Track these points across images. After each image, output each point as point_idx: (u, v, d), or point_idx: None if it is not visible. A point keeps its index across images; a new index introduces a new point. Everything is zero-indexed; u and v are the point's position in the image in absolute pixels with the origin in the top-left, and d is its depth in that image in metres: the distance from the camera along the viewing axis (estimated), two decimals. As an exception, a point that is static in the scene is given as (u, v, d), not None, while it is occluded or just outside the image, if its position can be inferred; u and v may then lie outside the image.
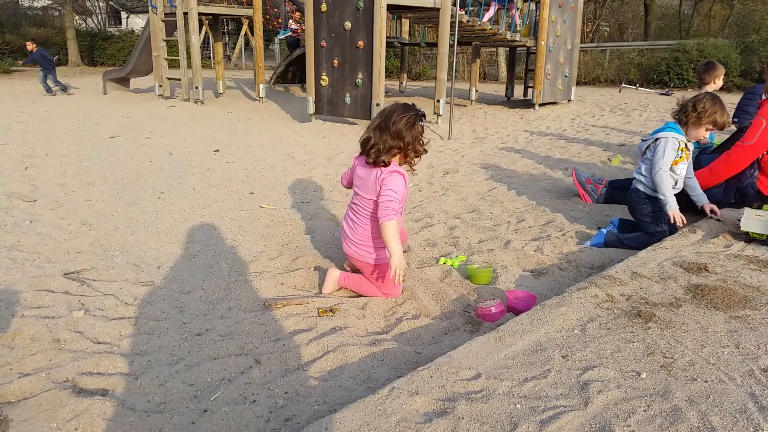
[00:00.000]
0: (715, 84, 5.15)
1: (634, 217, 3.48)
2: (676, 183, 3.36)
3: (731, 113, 4.08)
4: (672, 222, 3.21)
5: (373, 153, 2.58)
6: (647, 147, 3.40)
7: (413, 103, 2.66)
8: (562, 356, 1.86)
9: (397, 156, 2.62)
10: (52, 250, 3.25)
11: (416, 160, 2.69)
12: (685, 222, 3.20)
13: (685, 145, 3.30)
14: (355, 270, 2.86)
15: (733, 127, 4.74)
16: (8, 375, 1.99)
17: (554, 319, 2.12)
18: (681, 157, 3.29)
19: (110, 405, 1.82)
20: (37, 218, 3.82)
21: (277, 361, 2.10)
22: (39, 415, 1.77)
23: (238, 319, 2.43)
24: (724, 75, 5.39)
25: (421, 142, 2.63)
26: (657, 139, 3.32)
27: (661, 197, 3.24)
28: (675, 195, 3.41)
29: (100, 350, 2.17)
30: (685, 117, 3.28)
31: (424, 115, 2.65)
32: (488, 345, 1.95)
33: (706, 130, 3.27)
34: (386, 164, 2.59)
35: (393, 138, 2.54)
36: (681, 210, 3.91)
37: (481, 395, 1.64)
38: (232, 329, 2.35)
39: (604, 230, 3.39)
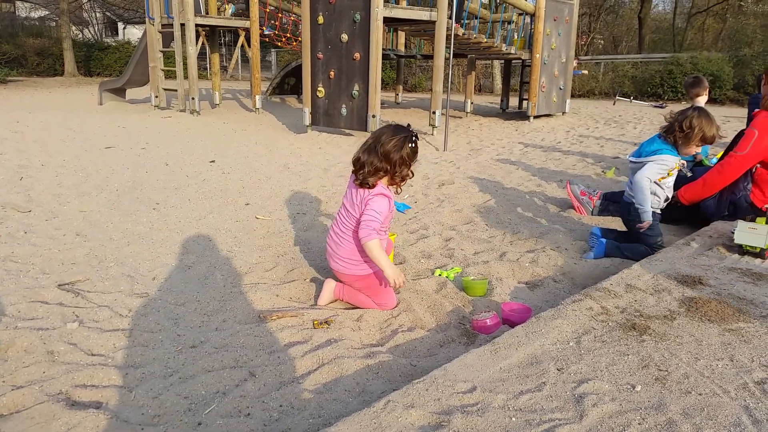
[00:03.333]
0: (706, 96, 5.22)
1: (629, 230, 3.48)
2: (666, 199, 3.37)
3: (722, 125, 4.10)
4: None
5: (360, 174, 2.60)
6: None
7: (408, 124, 2.67)
8: (557, 369, 1.86)
9: (384, 178, 2.62)
10: (47, 261, 3.24)
11: (402, 183, 2.68)
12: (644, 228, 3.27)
13: (679, 163, 3.31)
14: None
15: (727, 139, 4.77)
16: (1, 388, 1.97)
17: (549, 331, 2.12)
18: (668, 173, 3.30)
19: (104, 418, 1.81)
20: (32, 229, 3.81)
21: (271, 373, 2.09)
22: (32, 428, 1.76)
23: (233, 331, 2.43)
24: (718, 88, 5.46)
25: (408, 165, 2.61)
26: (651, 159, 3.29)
27: (638, 206, 3.26)
28: (665, 207, 3.43)
29: (94, 362, 2.16)
30: (673, 137, 3.27)
31: (416, 136, 2.63)
32: (484, 357, 1.95)
33: (696, 146, 3.25)
34: (372, 186, 2.59)
35: (380, 160, 2.55)
36: (672, 222, 3.94)
37: (477, 408, 1.64)
38: (227, 341, 2.34)
39: (604, 240, 3.40)
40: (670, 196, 3.41)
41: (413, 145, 2.60)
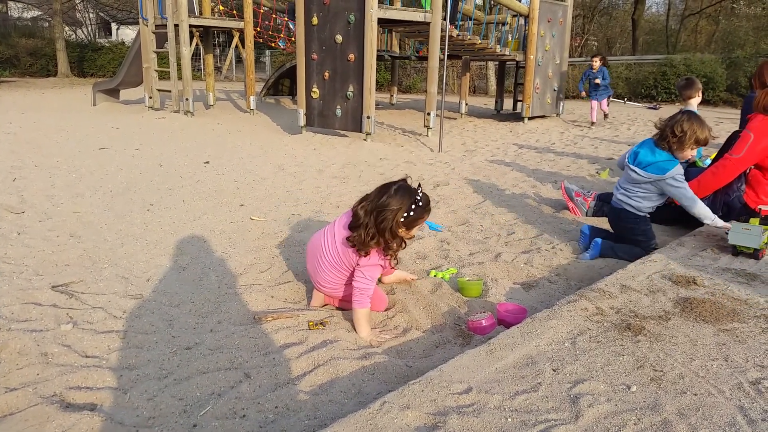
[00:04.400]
0: (698, 97, 5.25)
1: (622, 236, 3.47)
2: (665, 200, 3.39)
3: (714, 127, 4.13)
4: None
5: (355, 239, 2.43)
6: (646, 181, 3.33)
7: (419, 185, 2.50)
8: (553, 369, 1.86)
9: (378, 248, 2.46)
10: (40, 262, 3.22)
11: (395, 254, 2.52)
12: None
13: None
14: None
15: (720, 140, 4.80)
16: (-6, 390, 1.96)
17: (545, 332, 2.13)
18: None
19: (98, 420, 1.80)
20: (25, 230, 3.79)
21: (267, 375, 2.09)
22: (26, 431, 1.75)
23: (228, 333, 2.42)
24: (711, 89, 5.50)
25: (401, 239, 2.45)
26: (662, 178, 3.26)
27: (709, 222, 3.25)
28: (660, 208, 3.45)
29: (88, 364, 2.15)
30: (667, 144, 3.28)
31: (420, 200, 2.43)
32: (479, 358, 1.95)
33: (691, 149, 3.26)
34: (367, 254, 2.45)
35: (375, 226, 2.38)
36: (666, 222, 3.95)
37: (473, 409, 1.64)
38: (222, 343, 2.34)
39: (599, 240, 3.41)
40: (664, 200, 3.43)
41: (409, 214, 2.39)
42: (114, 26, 34.66)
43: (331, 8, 7.78)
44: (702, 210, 3.24)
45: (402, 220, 2.39)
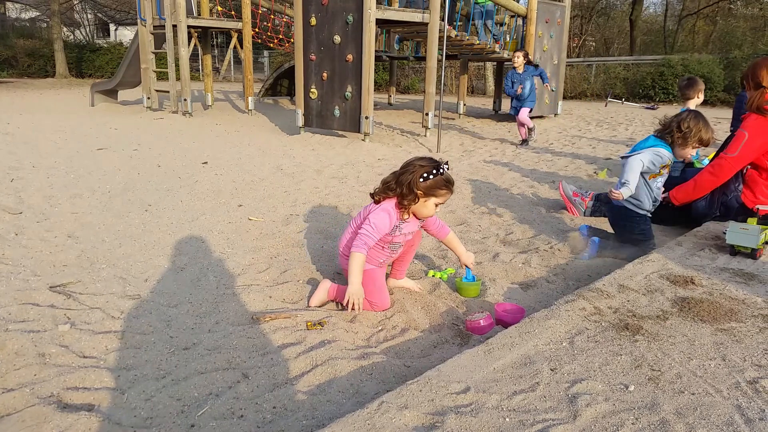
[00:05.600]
0: (698, 98, 5.24)
1: (621, 235, 3.48)
2: (655, 200, 3.39)
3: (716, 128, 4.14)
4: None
5: (377, 189, 2.69)
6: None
7: (447, 162, 2.65)
8: (551, 369, 1.86)
9: (393, 199, 2.65)
10: (38, 263, 3.22)
11: (407, 210, 2.66)
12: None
13: (671, 161, 3.34)
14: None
15: (719, 142, 4.81)
16: (-9, 390, 1.96)
17: (543, 331, 2.13)
18: (660, 171, 3.32)
19: (96, 420, 1.80)
20: (23, 231, 3.78)
21: (265, 375, 2.09)
22: (23, 431, 1.74)
23: (226, 333, 2.42)
24: (709, 89, 5.49)
25: (414, 195, 2.58)
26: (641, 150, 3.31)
27: (623, 181, 3.24)
28: (658, 208, 3.45)
29: (86, 364, 2.15)
30: (670, 137, 3.29)
31: (438, 170, 2.58)
32: (477, 358, 1.95)
33: (693, 148, 3.28)
34: (377, 202, 2.66)
35: (396, 178, 2.61)
36: (664, 222, 3.96)
37: (471, 409, 1.64)
38: (220, 343, 2.33)
39: (597, 239, 3.41)
40: (659, 198, 3.43)
41: (429, 176, 2.56)
42: (112, 27, 34.66)
43: (329, 9, 7.78)
44: (628, 177, 3.23)
45: (421, 180, 2.55)
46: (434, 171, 2.56)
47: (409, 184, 2.56)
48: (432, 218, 2.85)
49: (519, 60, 8.29)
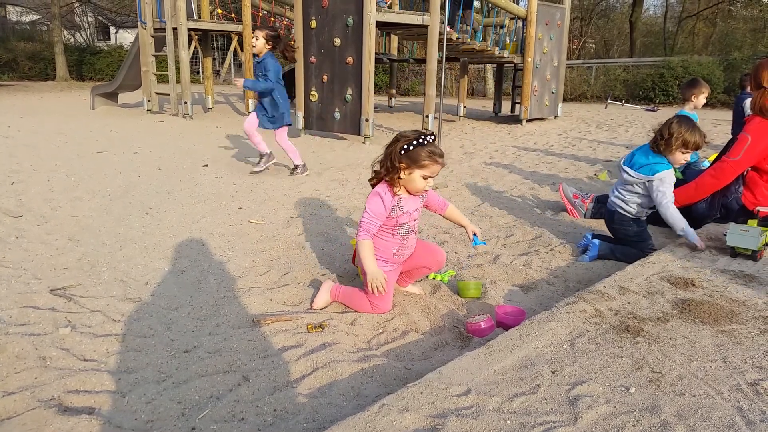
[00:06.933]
0: (697, 101, 5.23)
1: (618, 238, 3.49)
2: (653, 207, 3.39)
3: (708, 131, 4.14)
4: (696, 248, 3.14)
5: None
6: (636, 182, 3.34)
7: (433, 133, 2.61)
8: (552, 371, 1.86)
9: (383, 179, 2.63)
10: (39, 266, 3.22)
11: (400, 181, 2.58)
12: (703, 246, 3.13)
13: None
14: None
15: (720, 142, 4.82)
16: (-8, 393, 1.95)
17: (543, 334, 2.13)
18: None
19: (97, 423, 1.80)
20: (23, 234, 3.78)
21: (265, 378, 2.09)
22: (23, 435, 1.74)
23: (227, 336, 2.42)
24: (710, 92, 5.49)
25: (396, 166, 2.53)
26: (651, 179, 3.26)
27: (679, 231, 3.21)
28: (653, 215, 3.45)
29: (86, 367, 2.15)
30: (657, 148, 3.29)
31: (424, 139, 2.52)
32: (478, 360, 1.95)
33: (683, 153, 3.25)
34: (372, 186, 2.66)
35: (384, 153, 2.60)
36: (665, 224, 3.94)
37: (471, 411, 1.64)
38: (221, 346, 2.33)
39: (597, 242, 3.42)
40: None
41: (409, 147, 2.50)
42: (112, 30, 34.70)
43: (329, 11, 7.79)
44: (675, 218, 3.21)
45: (402, 152, 2.51)
46: (414, 141, 2.51)
47: (391, 157, 2.55)
48: (431, 194, 2.82)
49: (259, 41, 5.44)
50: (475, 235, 2.86)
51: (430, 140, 2.55)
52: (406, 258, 2.80)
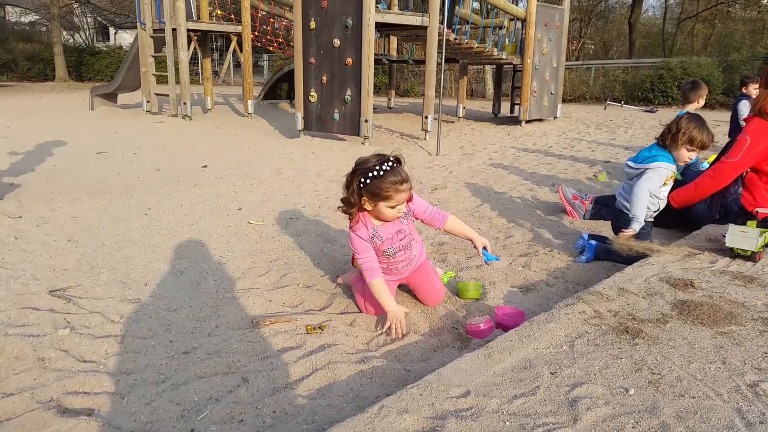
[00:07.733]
0: (699, 103, 5.24)
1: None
2: (658, 207, 3.39)
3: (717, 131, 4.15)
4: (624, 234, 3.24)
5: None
6: (637, 173, 3.36)
7: (398, 157, 2.40)
8: (551, 373, 1.86)
9: (353, 212, 2.48)
10: (38, 267, 3.21)
11: (368, 213, 2.46)
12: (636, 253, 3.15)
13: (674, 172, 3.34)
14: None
15: (720, 144, 4.83)
16: (-9, 395, 1.95)
17: (543, 335, 2.12)
18: (665, 182, 3.32)
19: (96, 425, 1.79)
20: (22, 235, 3.78)
21: (265, 379, 2.08)
22: (22, 436, 1.74)
23: (226, 337, 2.42)
24: (708, 92, 5.52)
25: (357, 204, 2.39)
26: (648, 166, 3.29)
27: (631, 215, 3.25)
28: (659, 213, 3.45)
29: (85, 369, 2.15)
30: (663, 141, 3.30)
31: (380, 169, 2.29)
32: (477, 362, 1.94)
33: (688, 150, 3.25)
34: (343, 212, 2.53)
35: (344, 187, 2.44)
36: (664, 225, 3.96)
37: (471, 413, 1.64)
38: (220, 347, 2.33)
39: (594, 243, 3.42)
40: (662, 206, 3.43)
41: (367, 181, 2.31)
42: (112, 30, 34.70)
43: (328, 12, 7.80)
44: (639, 199, 3.23)
45: (361, 186, 2.33)
46: (371, 174, 2.28)
47: (350, 192, 2.37)
48: (421, 209, 2.65)
49: None
50: (485, 249, 2.70)
51: (388, 167, 2.31)
52: (405, 269, 2.71)
